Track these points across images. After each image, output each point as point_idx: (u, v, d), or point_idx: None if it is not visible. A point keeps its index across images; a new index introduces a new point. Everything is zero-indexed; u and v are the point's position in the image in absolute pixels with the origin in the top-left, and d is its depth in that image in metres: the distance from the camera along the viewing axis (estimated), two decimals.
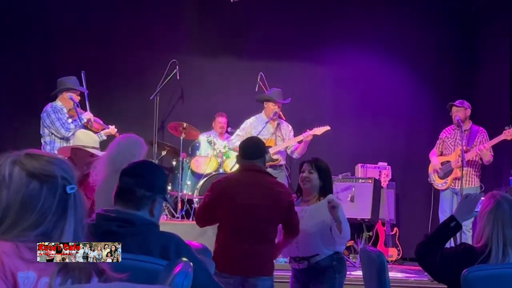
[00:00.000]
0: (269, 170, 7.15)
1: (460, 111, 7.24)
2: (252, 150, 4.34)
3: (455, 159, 7.25)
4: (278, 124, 7.60)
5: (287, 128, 7.64)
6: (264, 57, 8.99)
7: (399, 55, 9.23)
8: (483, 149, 7.05)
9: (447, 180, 7.37)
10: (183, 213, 7.98)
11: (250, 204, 4.12)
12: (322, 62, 9.26)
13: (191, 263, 2.25)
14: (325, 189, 4.46)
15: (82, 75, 7.14)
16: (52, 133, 6.66)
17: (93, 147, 4.99)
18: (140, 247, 2.36)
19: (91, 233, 2.31)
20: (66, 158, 4.72)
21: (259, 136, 7.22)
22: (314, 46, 9.18)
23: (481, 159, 7.23)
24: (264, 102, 7.65)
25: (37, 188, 1.71)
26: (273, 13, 9.20)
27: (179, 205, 7.85)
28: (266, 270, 4.20)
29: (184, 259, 2.17)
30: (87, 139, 5.08)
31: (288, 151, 7.63)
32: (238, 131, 7.72)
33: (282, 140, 7.58)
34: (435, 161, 7.48)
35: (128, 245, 2.30)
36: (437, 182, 7.49)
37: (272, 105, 7.53)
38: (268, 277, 4.19)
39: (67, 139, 6.59)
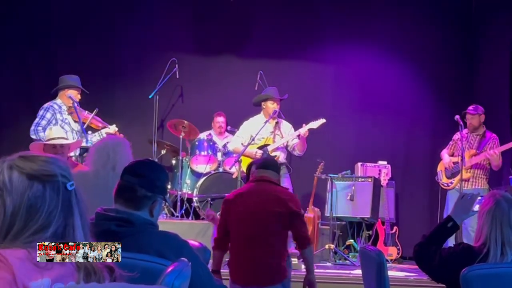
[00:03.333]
0: None
1: (475, 118, 7.36)
2: (266, 161, 4.52)
3: (465, 160, 7.32)
4: (277, 123, 7.59)
5: (287, 127, 7.63)
6: (264, 56, 9.00)
7: (399, 53, 9.22)
8: (494, 154, 7.10)
9: (453, 180, 7.44)
10: (183, 212, 7.98)
11: (261, 214, 4.21)
12: (322, 61, 9.26)
13: (190, 263, 2.25)
14: None
15: (94, 112, 7.02)
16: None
17: (53, 138, 5.24)
18: (139, 247, 2.35)
19: (91, 232, 2.32)
20: None
21: (258, 136, 7.28)
22: (314, 44, 9.18)
23: (489, 163, 7.29)
24: (262, 103, 7.62)
25: (40, 189, 1.70)
26: (272, 12, 9.20)
27: (179, 204, 7.85)
28: (276, 278, 4.25)
29: (183, 259, 2.15)
30: (48, 133, 5.36)
31: (289, 149, 7.62)
32: (237, 133, 7.72)
33: (282, 138, 7.57)
34: (447, 159, 7.56)
35: (127, 244, 2.30)
36: (444, 181, 7.55)
37: (271, 104, 7.50)
38: (279, 284, 4.25)
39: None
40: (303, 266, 4.53)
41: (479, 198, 3.27)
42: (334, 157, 8.53)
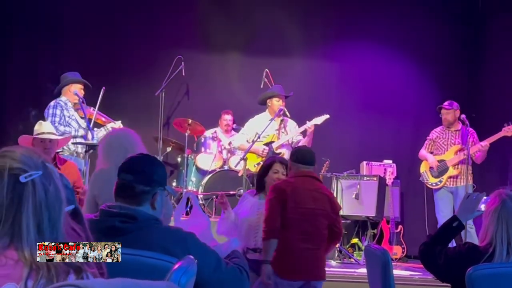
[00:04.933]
0: None
1: (450, 113, 7.41)
2: (311, 157, 4.55)
3: (451, 157, 7.35)
4: (282, 121, 7.58)
5: (292, 124, 7.61)
6: (269, 54, 8.99)
7: (404, 52, 9.20)
8: (487, 145, 7.12)
9: (442, 178, 7.40)
10: (188, 209, 7.98)
11: (314, 209, 4.33)
12: (327, 59, 9.26)
13: (197, 257, 2.24)
14: None
15: (102, 91, 7.00)
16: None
17: (43, 133, 5.27)
18: (143, 243, 2.35)
19: (95, 229, 2.32)
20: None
21: (263, 133, 7.27)
22: (320, 42, 9.18)
23: (471, 158, 7.29)
24: (268, 100, 7.59)
25: None
26: (278, 10, 9.19)
27: (184, 201, 7.83)
28: (324, 273, 4.47)
29: (189, 256, 2.15)
30: (38, 127, 5.36)
31: (293, 146, 7.60)
32: (242, 130, 7.70)
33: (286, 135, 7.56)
34: (432, 158, 7.50)
35: (131, 240, 2.31)
36: (431, 181, 7.51)
37: (276, 101, 7.47)
38: (324, 281, 4.47)
39: (71, 130, 6.60)
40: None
41: (485, 198, 3.26)
42: (339, 156, 8.51)
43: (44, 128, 5.35)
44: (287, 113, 7.65)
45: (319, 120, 7.35)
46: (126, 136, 4.12)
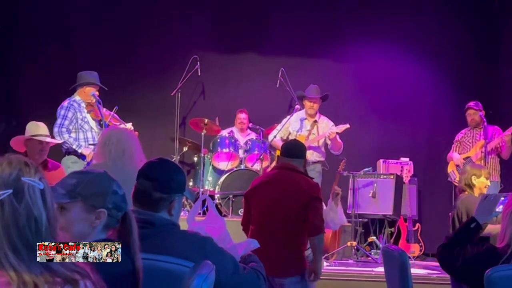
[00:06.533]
0: None
1: (477, 113, 7.44)
2: (291, 149, 4.45)
3: (475, 153, 7.38)
4: (315, 122, 7.56)
5: (327, 125, 7.56)
6: (285, 53, 9.00)
7: (420, 50, 9.17)
8: (509, 134, 7.13)
9: None
10: (205, 209, 8.00)
11: (273, 200, 4.19)
12: (343, 58, 9.24)
13: (215, 262, 2.25)
14: None
15: (114, 109, 6.95)
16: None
17: (41, 135, 5.24)
18: (161, 248, 2.36)
19: None
20: (21, 152, 5.10)
21: (295, 132, 7.29)
22: (336, 42, 9.16)
23: (498, 155, 7.34)
24: (303, 100, 7.63)
25: None
26: (294, 9, 9.19)
27: (200, 201, 7.85)
28: (293, 270, 4.18)
29: (207, 261, 2.16)
30: (34, 128, 5.31)
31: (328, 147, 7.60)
32: (278, 127, 7.67)
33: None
34: (457, 156, 7.53)
35: (149, 245, 2.32)
36: (458, 179, 7.48)
37: (307, 102, 7.51)
38: (294, 277, 4.17)
39: (84, 133, 6.59)
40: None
41: (502, 198, 3.24)
42: (356, 154, 8.49)
43: (42, 130, 5.32)
44: (318, 115, 7.59)
45: (339, 129, 7.32)
46: (123, 134, 4.19)
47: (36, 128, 5.33)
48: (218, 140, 8.30)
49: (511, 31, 8.86)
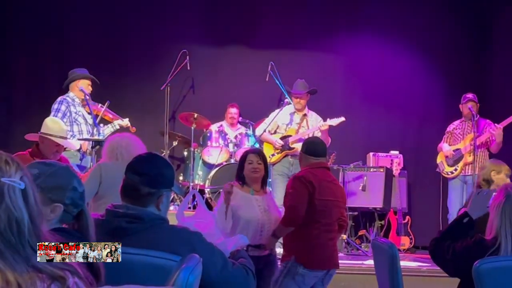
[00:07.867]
0: (290, 159, 7.19)
1: (475, 106, 7.45)
2: (322, 148, 4.64)
3: (465, 145, 7.40)
4: (304, 115, 7.54)
5: (315, 120, 7.53)
6: (275, 47, 8.98)
7: (411, 44, 9.19)
8: (497, 128, 7.15)
9: (457, 167, 7.44)
10: (195, 203, 7.99)
11: (333, 201, 4.44)
12: (333, 51, 9.24)
13: (204, 257, 2.25)
14: (265, 178, 4.57)
15: (106, 104, 6.93)
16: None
17: (60, 137, 5.19)
18: (150, 242, 2.35)
19: (102, 230, 2.33)
20: (35, 144, 5.12)
21: (284, 126, 7.29)
22: (325, 35, 9.16)
23: (488, 149, 7.37)
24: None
25: None
26: (283, 2, 9.18)
27: (190, 195, 7.84)
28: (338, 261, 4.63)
29: (194, 255, 2.16)
30: (54, 127, 5.24)
31: None
32: (266, 120, 7.62)
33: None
34: (447, 147, 7.56)
35: (137, 240, 2.32)
36: (447, 170, 7.54)
37: (294, 97, 7.50)
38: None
39: (78, 126, 6.60)
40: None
41: (495, 193, 3.25)
42: (345, 148, 8.50)
43: (61, 131, 5.25)
44: (307, 109, 7.59)
45: (334, 122, 7.26)
46: (130, 141, 4.24)
47: (60, 127, 5.28)
48: (208, 134, 8.29)
49: (503, 23, 8.89)
